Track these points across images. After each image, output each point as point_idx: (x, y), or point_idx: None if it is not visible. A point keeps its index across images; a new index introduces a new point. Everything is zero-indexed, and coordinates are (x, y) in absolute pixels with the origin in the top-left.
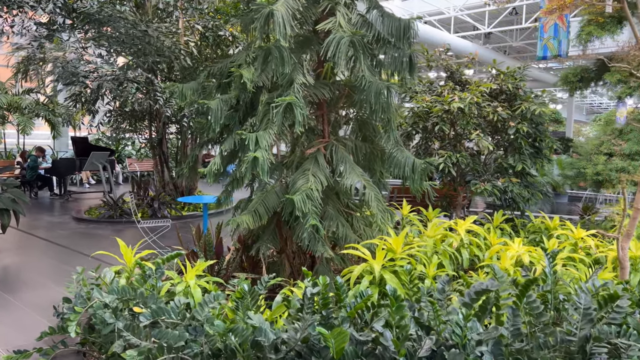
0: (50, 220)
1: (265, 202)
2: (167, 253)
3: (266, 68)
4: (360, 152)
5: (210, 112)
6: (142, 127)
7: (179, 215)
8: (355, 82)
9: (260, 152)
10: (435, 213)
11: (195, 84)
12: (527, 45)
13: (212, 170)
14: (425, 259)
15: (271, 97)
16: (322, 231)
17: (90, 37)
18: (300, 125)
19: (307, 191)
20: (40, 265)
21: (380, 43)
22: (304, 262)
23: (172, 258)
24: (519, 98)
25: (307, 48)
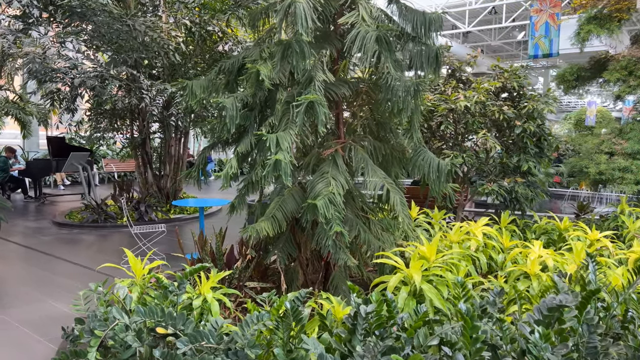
0: (29, 226)
1: (283, 207)
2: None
3: (284, 64)
4: (379, 153)
5: (225, 111)
6: (123, 126)
7: (166, 219)
8: (376, 80)
9: (281, 154)
10: (441, 215)
11: (206, 81)
12: (504, 44)
13: (229, 173)
14: (454, 266)
15: (290, 95)
16: (347, 237)
17: (70, 32)
18: (322, 125)
19: (329, 195)
20: (26, 276)
21: (404, 38)
22: (319, 269)
23: (195, 272)
24: (524, 97)
25: (325, 44)
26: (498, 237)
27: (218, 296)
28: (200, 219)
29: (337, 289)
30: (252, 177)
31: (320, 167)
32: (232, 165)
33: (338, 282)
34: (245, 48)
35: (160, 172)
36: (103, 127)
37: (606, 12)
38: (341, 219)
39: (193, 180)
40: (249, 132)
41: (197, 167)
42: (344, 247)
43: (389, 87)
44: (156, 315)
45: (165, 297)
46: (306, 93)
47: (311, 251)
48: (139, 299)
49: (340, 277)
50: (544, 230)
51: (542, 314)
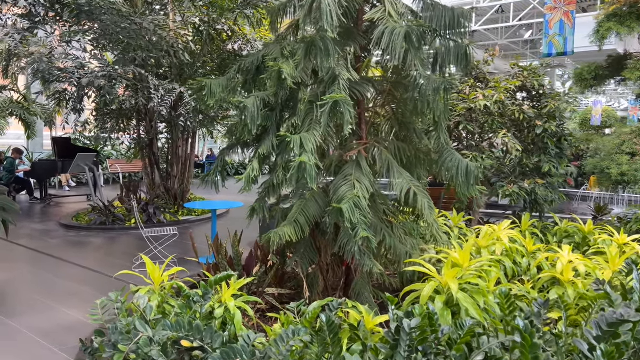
0: (36, 228)
1: (305, 211)
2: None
3: (307, 62)
4: (403, 154)
5: (246, 112)
6: (129, 126)
7: (175, 220)
8: (400, 79)
9: (306, 156)
10: (459, 217)
11: (225, 80)
12: (511, 43)
13: (251, 176)
14: (484, 272)
15: (314, 94)
16: (374, 243)
17: (77, 31)
18: (348, 125)
19: (354, 199)
20: (36, 281)
21: (430, 35)
22: (339, 274)
23: (221, 281)
24: (544, 96)
25: (349, 41)
26: (522, 241)
27: (240, 304)
28: (213, 221)
29: (359, 295)
30: (273, 180)
31: (342, 169)
32: (254, 168)
33: (360, 288)
34: (264, 45)
35: (168, 173)
36: (110, 128)
37: (625, 9)
38: (367, 224)
39: (210, 184)
40: (270, 133)
41: (216, 169)
42: (369, 253)
43: (416, 86)
44: (183, 328)
45: (188, 307)
46: (330, 92)
47: (331, 256)
48: (159, 308)
49: (363, 284)
50: (565, 233)
51: (602, 330)
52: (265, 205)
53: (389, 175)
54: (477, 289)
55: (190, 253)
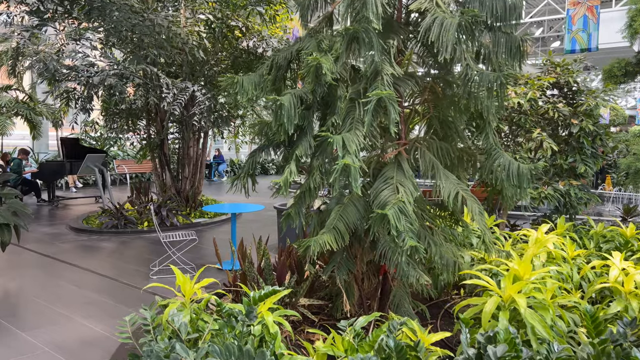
0: (46, 232)
1: (345, 216)
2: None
3: (348, 56)
4: (446, 155)
5: (282, 110)
6: (139, 126)
7: (188, 223)
8: (442, 74)
9: (349, 158)
10: (491, 220)
11: (257, 76)
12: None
13: (289, 180)
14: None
15: (355, 91)
16: (422, 252)
17: (87, 28)
18: (394, 124)
19: (398, 204)
20: (48, 289)
21: (480, 27)
22: (375, 283)
23: (266, 297)
24: (580, 93)
25: (390, 33)
26: (566, 247)
27: (277, 319)
28: (233, 226)
29: (398, 307)
30: (309, 184)
31: (383, 172)
32: (291, 171)
33: (400, 299)
34: (297, 40)
35: (179, 174)
36: (118, 128)
37: None
38: (414, 232)
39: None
40: (307, 133)
41: (246, 172)
42: (414, 263)
43: (467, 82)
44: (233, 355)
45: (230, 326)
46: (373, 88)
47: (367, 264)
48: (192, 325)
49: (402, 294)
50: (603, 236)
51: None
52: (301, 210)
53: (434, 177)
54: (541, 303)
55: (207, 258)
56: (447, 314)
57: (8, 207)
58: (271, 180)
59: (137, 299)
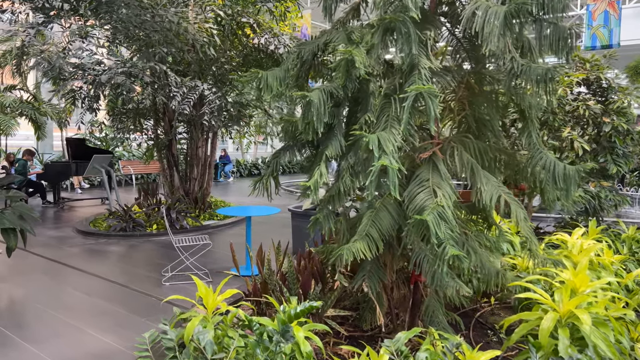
0: (52, 235)
1: (377, 222)
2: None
3: (383, 49)
4: (484, 155)
5: (312, 107)
6: (147, 126)
7: (198, 226)
8: (479, 68)
9: (386, 159)
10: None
11: (281, 71)
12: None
13: (319, 182)
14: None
15: (390, 86)
16: (467, 262)
17: (94, 25)
18: (434, 122)
19: (437, 209)
20: (57, 297)
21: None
22: (405, 293)
23: (303, 314)
24: (610, 90)
25: (426, 24)
26: (603, 253)
27: (307, 334)
28: (248, 230)
29: (432, 318)
30: (339, 187)
31: (417, 174)
32: (321, 173)
33: (433, 310)
34: (323, 32)
35: (187, 175)
36: (126, 128)
37: None
38: (455, 239)
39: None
40: (337, 132)
41: (270, 173)
42: (452, 272)
43: (512, 76)
44: None
45: (263, 348)
46: (410, 83)
47: (396, 272)
48: (218, 343)
49: (436, 305)
50: (637, 241)
51: None
52: (331, 216)
53: (472, 180)
54: (600, 319)
55: (220, 262)
56: (478, 323)
57: (14, 210)
58: (300, 183)
59: (151, 308)
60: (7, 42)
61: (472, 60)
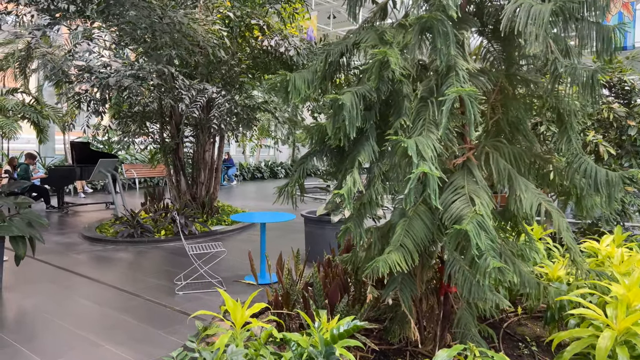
0: (58, 241)
1: (411, 232)
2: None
3: (417, 49)
4: (520, 161)
5: (344, 111)
6: (153, 130)
7: (206, 231)
8: (514, 70)
9: (426, 166)
10: (540, 230)
11: (309, 73)
12: None
13: (353, 190)
14: None
15: (426, 89)
16: (510, 275)
17: (102, 27)
18: (474, 126)
19: (477, 218)
20: (67, 307)
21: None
22: (434, 305)
23: (347, 334)
24: (635, 93)
25: (462, 23)
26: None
27: (342, 351)
28: (262, 236)
29: (464, 332)
30: (371, 194)
31: (451, 180)
32: (355, 180)
33: (466, 323)
34: (351, 32)
35: (194, 179)
36: (132, 132)
37: None
38: (496, 250)
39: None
40: (369, 137)
41: (296, 180)
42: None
43: (555, 78)
44: None
45: None
46: (447, 85)
47: (426, 283)
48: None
49: (468, 318)
50: None
51: None
52: (362, 224)
53: (510, 187)
54: None
55: (233, 270)
56: (506, 334)
57: (22, 217)
58: (334, 191)
59: (165, 319)
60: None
61: (502, 62)
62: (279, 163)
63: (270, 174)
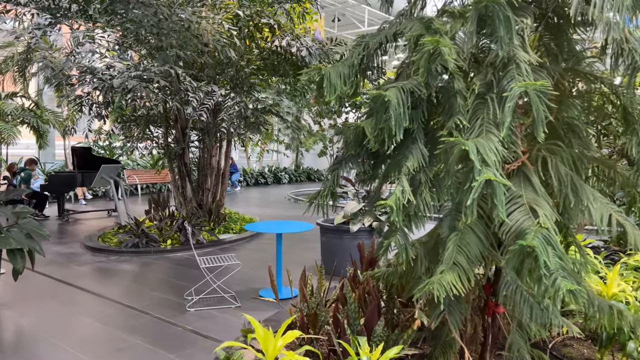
0: (58, 251)
1: (465, 248)
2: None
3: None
4: (580, 167)
5: (389, 109)
6: (157, 134)
7: (215, 240)
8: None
9: (490, 172)
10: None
11: (345, 67)
12: None
13: (401, 201)
14: None
15: (484, 84)
16: (584, 297)
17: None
18: (542, 126)
19: (542, 232)
20: (70, 328)
21: None
22: (479, 327)
23: None
24: None
25: (519, 11)
26: None
27: None
28: (278, 247)
29: (517, 357)
30: (418, 205)
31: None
32: (403, 189)
33: (518, 348)
34: (386, 23)
35: (200, 186)
36: (135, 136)
37: None
38: (566, 269)
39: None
40: (417, 139)
41: (329, 188)
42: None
43: (634, 71)
44: None
45: None
46: (508, 79)
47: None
48: None
49: (520, 342)
50: None
51: None
52: (407, 239)
53: (575, 196)
54: None
55: (246, 283)
56: (552, 356)
57: (21, 228)
58: (382, 202)
59: (177, 340)
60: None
61: (560, 54)
62: (282, 168)
63: (274, 180)
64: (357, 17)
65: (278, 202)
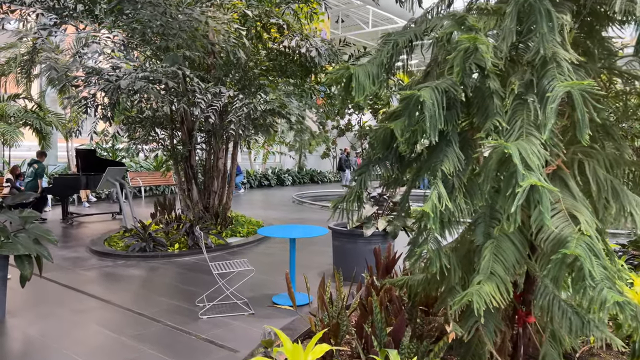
0: (64, 255)
1: (501, 256)
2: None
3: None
4: (618, 170)
5: (424, 110)
6: (163, 136)
7: (223, 244)
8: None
9: (534, 177)
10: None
11: (374, 67)
12: None
13: (439, 207)
14: None
15: (524, 84)
16: (629, 311)
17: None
18: (586, 129)
19: (585, 240)
20: (80, 337)
21: None
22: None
23: None
24: None
25: (559, 8)
26: None
27: None
28: (292, 252)
29: None
30: (453, 211)
31: None
32: (440, 195)
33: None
34: (412, 21)
35: (206, 188)
36: (141, 138)
37: None
38: (611, 280)
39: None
40: (452, 141)
41: (355, 193)
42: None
43: None
44: None
45: None
46: (549, 79)
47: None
48: None
49: (554, 354)
50: None
51: None
52: (440, 246)
53: (616, 202)
54: None
55: (257, 289)
56: None
57: (29, 233)
58: (416, 207)
59: (190, 349)
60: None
61: (597, 53)
62: (285, 170)
63: (277, 182)
64: (361, 18)
65: (282, 204)
